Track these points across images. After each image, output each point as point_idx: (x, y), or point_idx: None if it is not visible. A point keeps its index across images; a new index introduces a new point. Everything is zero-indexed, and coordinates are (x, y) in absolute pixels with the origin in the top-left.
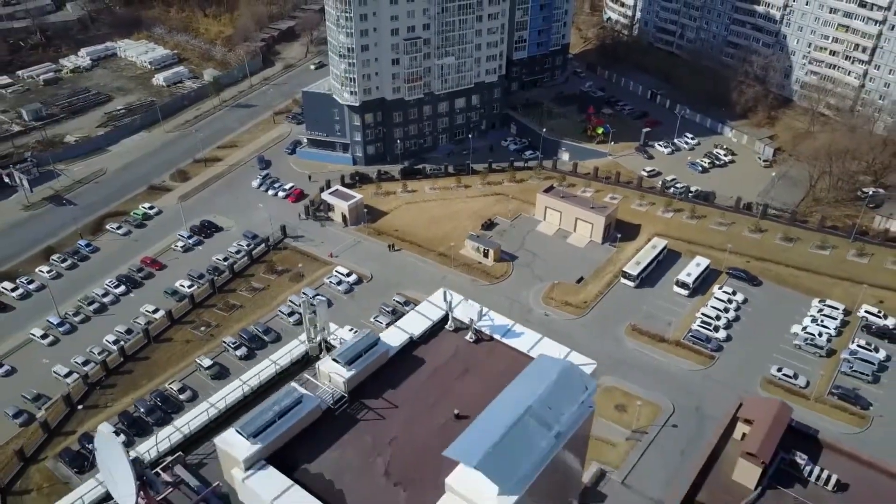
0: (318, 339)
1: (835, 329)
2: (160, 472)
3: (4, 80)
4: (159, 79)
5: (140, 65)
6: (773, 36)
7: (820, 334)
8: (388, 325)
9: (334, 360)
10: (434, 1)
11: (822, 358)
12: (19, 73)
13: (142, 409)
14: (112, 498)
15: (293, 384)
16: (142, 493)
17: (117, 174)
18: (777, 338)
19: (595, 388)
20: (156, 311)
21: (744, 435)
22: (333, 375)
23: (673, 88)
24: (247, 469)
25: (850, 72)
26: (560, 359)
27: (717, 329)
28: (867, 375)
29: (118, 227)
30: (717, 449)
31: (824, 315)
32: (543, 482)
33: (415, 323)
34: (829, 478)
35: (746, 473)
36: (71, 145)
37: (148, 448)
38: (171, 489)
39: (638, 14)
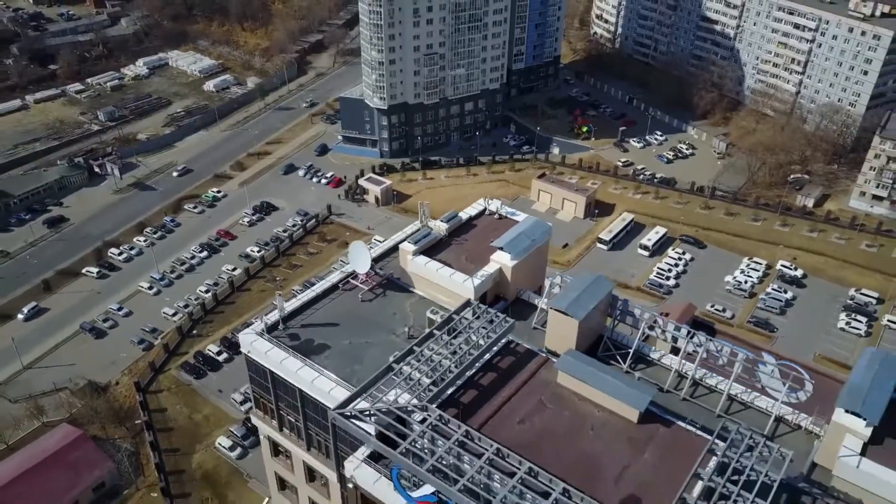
0: (425, 222)
1: (757, 278)
2: None
3: (77, 86)
4: (209, 85)
5: (190, 73)
6: (728, 50)
7: (746, 282)
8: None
9: (440, 221)
10: (448, 23)
11: (746, 298)
12: (88, 80)
13: (237, 336)
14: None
15: (423, 228)
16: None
17: (186, 165)
18: (714, 285)
19: (550, 230)
20: (234, 269)
21: None
22: (441, 226)
23: (647, 93)
24: (413, 255)
25: (788, 80)
26: (534, 217)
27: (668, 279)
28: (776, 309)
29: (194, 207)
30: None
31: (751, 268)
32: (525, 263)
33: (471, 210)
34: None
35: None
36: (143, 142)
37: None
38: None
39: (619, 30)
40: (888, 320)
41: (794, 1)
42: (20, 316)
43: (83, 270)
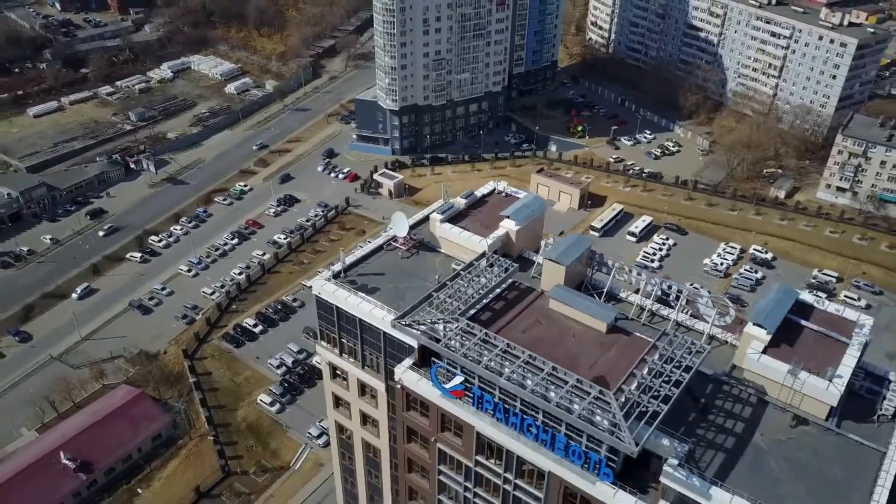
0: (447, 199)
1: (732, 261)
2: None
3: (108, 89)
4: (230, 88)
5: (211, 76)
6: (712, 55)
7: (721, 264)
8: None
9: (460, 198)
10: (454, 31)
11: (721, 278)
12: (118, 83)
13: (270, 311)
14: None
15: (455, 205)
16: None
17: (213, 162)
18: (693, 267)
19: (545, 203)
20: (263, 254)
21: None
22: (461, 202)
23: (638, 95)
24: (440, 223)
25: (766, 83)
26: (533, 195)
27: (653, 261)
28: (748, 287)
29: (224, 199)
30: None
31: (727, 252)
32: (526, 229)
33: (484, 190)
34: None
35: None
36: (173, 140)
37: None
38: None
39: (613, 36)
40: (845, 296)
41: (771, 11)
42: (74, 295)
43: (127, 255)
